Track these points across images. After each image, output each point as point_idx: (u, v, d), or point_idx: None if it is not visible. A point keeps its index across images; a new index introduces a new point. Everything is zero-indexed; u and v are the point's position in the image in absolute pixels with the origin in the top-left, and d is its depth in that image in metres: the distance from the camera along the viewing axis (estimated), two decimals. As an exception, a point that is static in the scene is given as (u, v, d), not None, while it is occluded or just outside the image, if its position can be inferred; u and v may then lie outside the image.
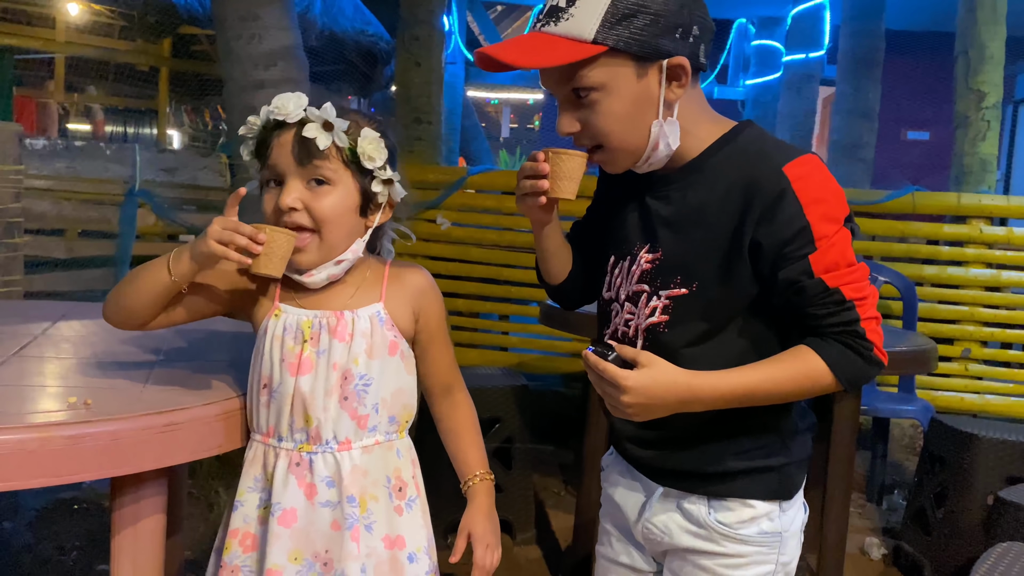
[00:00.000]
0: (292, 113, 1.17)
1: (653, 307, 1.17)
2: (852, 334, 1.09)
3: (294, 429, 1.20)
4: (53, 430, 1.03)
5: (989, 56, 4.02)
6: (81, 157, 3.14)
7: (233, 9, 3.36)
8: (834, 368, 1.09)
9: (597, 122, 1.12)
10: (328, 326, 1.21)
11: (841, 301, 1.09)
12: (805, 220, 1.07)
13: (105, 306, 1.23)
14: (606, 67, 1.09)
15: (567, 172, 1.15)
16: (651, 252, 1.18)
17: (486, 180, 4.40)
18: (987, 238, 3.91)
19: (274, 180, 1.20)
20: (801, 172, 1.08)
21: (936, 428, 2.78)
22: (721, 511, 1.19)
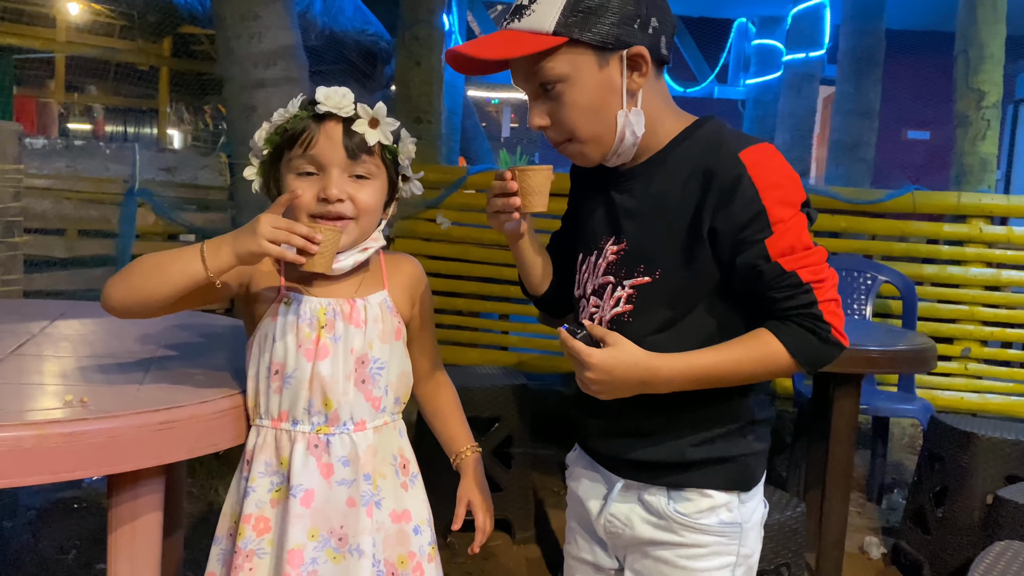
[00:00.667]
0: (345, 107, 1.20)
1: (618, 297, 1.20)
2: (810, 316, 1.11)
3: (312, 412, 1.24)
4: (50, 427, 1.04)
5: (989, 55, 4.01)
6: (81, 156, 3.14)
7: (233, 8, 3.36)
8: (792, 349, 1.12)
9: (565, 114, 1.15)
10: (342, 313, 1.26)
11: (798, 284, 1.11)
12: (761, 204, 1.10)
13: (110, 294, 1.18)
14: (567, 58, 1.12)
15: (535, 187, 1.21)
16: (616, 244, 1.21)
17: (486, 180, 4.40)
18: (987, 237, 3.91)
19: (312, 169, 1.23)
20: (757, 158, 1.11)
21: (935, 427, 2.77)
22: (680, 501, 1.20)
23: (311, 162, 1.22)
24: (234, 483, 1.29)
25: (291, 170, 1.23)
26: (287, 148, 1.23)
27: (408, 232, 4.41)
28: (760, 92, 8.37)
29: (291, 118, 1.22)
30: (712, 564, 1.21)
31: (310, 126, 1.21)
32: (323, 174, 1.22)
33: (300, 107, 1.22)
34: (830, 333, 1.12)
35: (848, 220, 3.98)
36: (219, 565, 1.28)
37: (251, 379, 1.27)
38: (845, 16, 5.71)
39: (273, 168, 1.27)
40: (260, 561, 1.23)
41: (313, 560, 1.22)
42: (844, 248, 3.99)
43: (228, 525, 1.28)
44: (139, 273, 1.17)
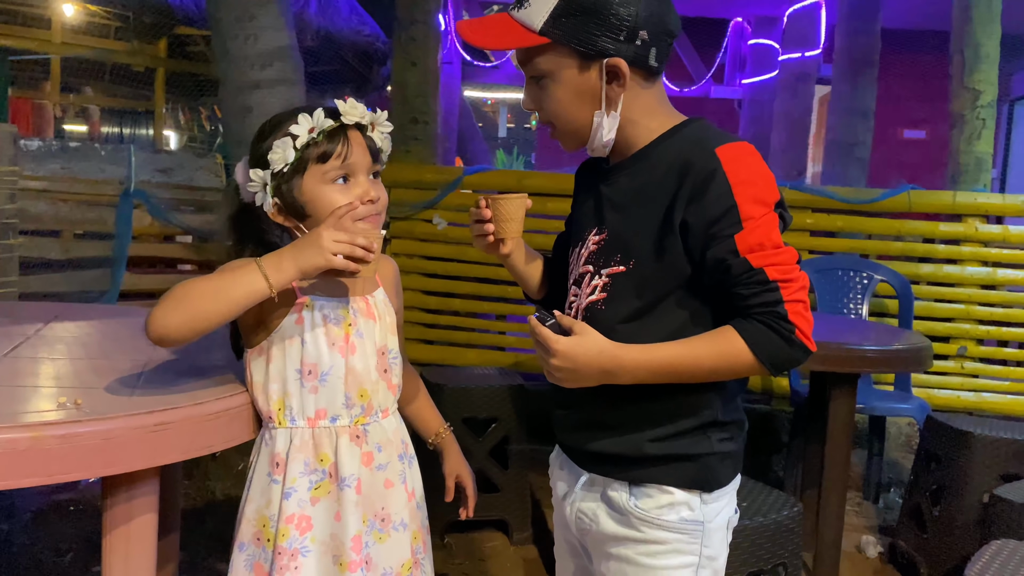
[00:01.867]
0: (367, 116, 1.30)
1: (594, 286, 1.24)
2: (774, 315, 1.11)
3: (350, 405, 1.31)
4: (44, 429, 1.03)
5: (985, 55, 4.02)
6: (76, 158, 3.13)
7: (229, 10, 3.36)
8: (754, 348, 1.12)
9: (546, 104, 1.22)
10: (360, 310, 1.34)
11: (764, 281, 1.11)
12: (733, 200, 1.11)
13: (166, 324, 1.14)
14: (551, 57, 1.18)
15: (507, 214, 1.28)
16: (598, 234, 1.25)
17: (482, 180, 4.40)
18: (983, 236, 3.91)
19: (345, 177, 1.29)
20: (732, 155, 1.13)
21: (932, 426, 2.78)
22: (641, 497, 1.21)
23: (346, 168, 1.28)
24: (257, 487, 1.30)
25: (325, 182, 1.28)
26: (319, 161, 1.27)
27: (405, 232, 4.40)
28: (756, 92, 8.38)
29: (323, 131, 1.26)
30: (673, 562, 1.21)
31: (342, 137, 1.28)
32: (352, 180, 1.29)
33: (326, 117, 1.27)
34: (793, 334, 1.12)
35: (844, 219, 3.98)
36: (247, 571, 1.29)
37: (275, 383, 1.29)
38: (841, 16, 5.72)
39: (288, 184, 1.27)
40: (305, 559, 1.27)
41: (366, 544, 1.31)
42: (840, 247, 4.00)
43: (255, 530, 1.29)
44: (199, 300, 1.16)
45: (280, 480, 1.28)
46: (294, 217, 1.30)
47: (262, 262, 1.17)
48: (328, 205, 1.26)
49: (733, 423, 1.25)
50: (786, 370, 1.15)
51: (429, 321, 4.40)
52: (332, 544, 1.29)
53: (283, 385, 1.29)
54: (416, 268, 4.41)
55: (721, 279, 1.14)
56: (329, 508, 1.29)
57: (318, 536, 1.28)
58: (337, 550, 1.28)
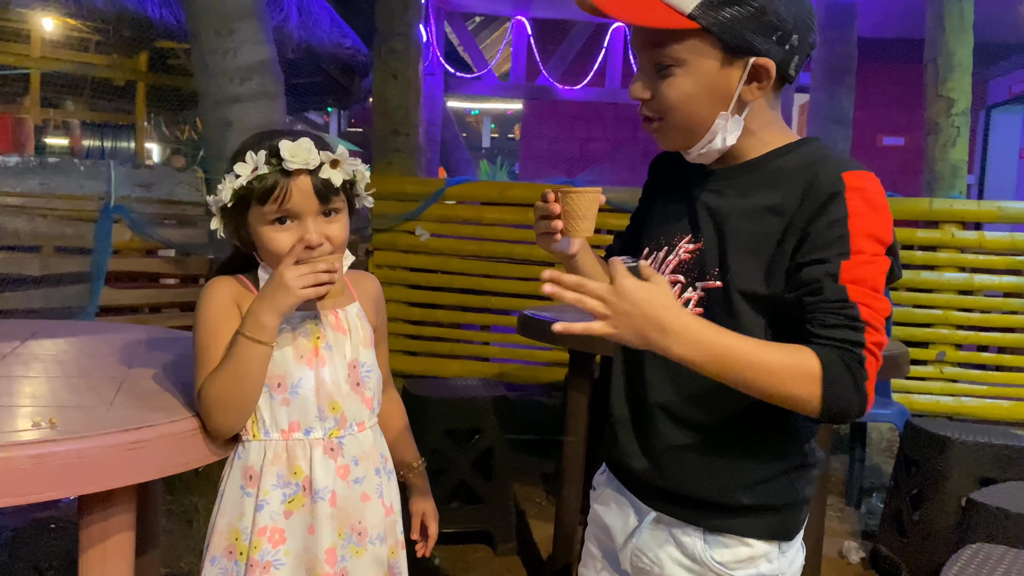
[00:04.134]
0: (312, 161, 1.25)
1: (687, 299, 1.14)
2: (853, 355, 0.98)
3: (323, 418, 1.31)
4: (17, 449, 1.03)
5: (958, 63, 4.08)
6: (56, 174, 3.12)
7: (208, 23, 3.36)
8: (825, 377, 0.98)
9: (667, 94, 1.09)
10: (329, 323, 1.34)
11: (855, 317, 0.99)
12: (847, 229, 1.02)
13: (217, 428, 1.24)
14: (693, 45, 1.06)
15: (580, 211, 1.13)
16: (693, 243, 1.15)
17: (465, 191, 4.42)
18: (959, 242, 3.97)
19: (285, 217, 1.27)
20: (859, 184, 1.04)
21: (911, 431, 2.80)
22: (717, 547, 1.13)
23: (285, 212, 1.27)
24: (230, 499, 1.30)
25: (263, 222, 1.27)
26: (259, 203, 1.26)
27: (387, 244, 4.41)
28: (736, 100, 8.44)
29: (259, 176, 1.25)
30: None
31: (280, 181, 1.25)
32: (297, 221, 1.27)
33: (265, 162, 1.25)
34: (864, 382, 0.99)
35: (823, 227, 4.02)
36: None
37: None
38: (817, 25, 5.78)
39: (239, 216, 1.30)
40: (278, 572, 1.27)
41: (342, 558, 1.31)
42: (820, 255, 4.03)
43: (227, 543, 1.29)
44: (232, 397, 1.23)
45: (253, 493, 1.28)
46: (245, 246, 1.32)
47: (245, 330, 1.22)
48: (268, 244, 1.27)
49: (817, 465, 1.17)
50: (832, 421, 1.02)
51: (412, 332, 4.40)
52: (306, 557, 1.29)
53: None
54: (399, 279, 4.41)
55: (807, 299, 1.02)
56: (303, 521, 1.29)
57: (292, 549, 1.28)
58: (311, 563, 1.28)
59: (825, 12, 5.64)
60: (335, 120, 15.65)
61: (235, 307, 1.28)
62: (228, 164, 1.28)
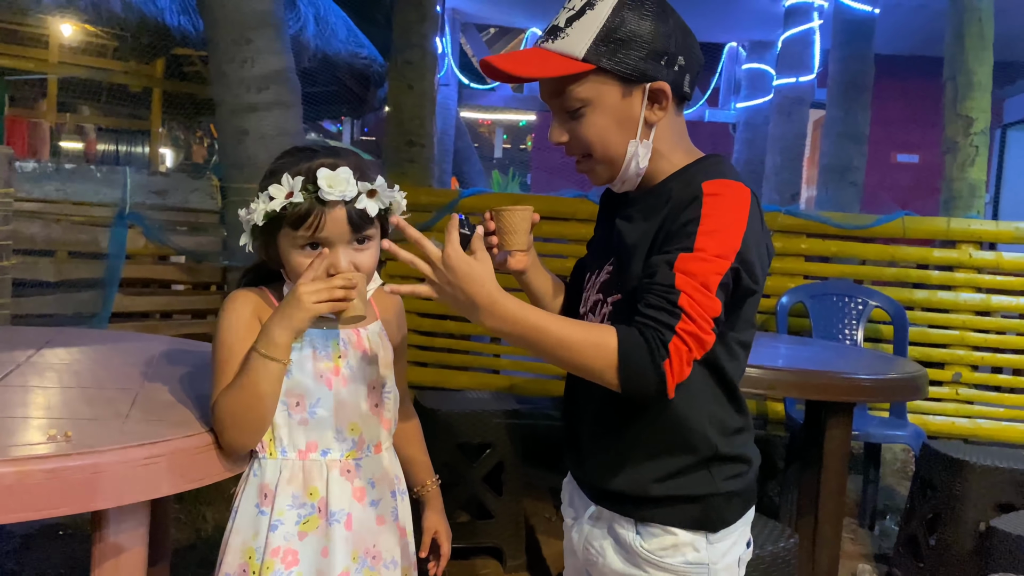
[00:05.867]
0: (348, 193, 1.23)
1: (604, 314, 1.24)
2: (657, 333, 1.05)
3: (341, 439, 1.30)
4: (31, 464, 1.02)
5: (977, 82, 4.05)
6: (72, 180, 3.12)
7: (225, 32, 3.37)
8: (622, 352, 1.05)
9: (583, 133, 1.20)
10: (351, 342, 1.33)
11: (674, 303, 1.06)
12: (696, 228, 1.10)
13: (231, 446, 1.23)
14: (593, 84, 1.17)
15: (510, 226, 1.26)
16: (609, 265, 1.26)
17: (479, 203, 4.40)
18: (976, 263, 3.93)
19: (316, 244, 1.26)
20: (715, 190, 1.12)
21: (927, 454, 2.77)
22: (647, 537, 1.21)
23: (317, 239, 1.25)
24: (244, 517, 1.29)
25: (294, 246, 1.26)
26: (291, 227, 1.25)
27: (400, 255, 4.39)
28: (750, 115, 8.43)
29: (293, 203, 1.23)
30: None
31: (315, 208, 1.23)
32: (328, 247, 1.26)
33: (301, 188, 1.23)
34: (663, 362, 1.04)
35: (838, 245, 3.99)
36: None
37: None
38: (835, 41, 5.76)
39: (269, 235, 1.29)
40: None
41: None
42: (834, 272, 4.01)
43: (240, 561, 1.28)
44: (246, 414, 1.22)
45: (268, 512, 1.27)
46: (274, 262, 1.32)
47: (259, 347, 1.21)
48: (297, 269, 1.26)
49: (738, 459, 1.23)
50: (630, 394, 1.08)
51: (423, 343, 4.38)
52: None
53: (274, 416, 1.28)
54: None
55: (644, 283, 1.11)
56: (316, 543, 1.28)
57: (304, 571, 1.27)
58: None
59: (842, 28, 5.62)
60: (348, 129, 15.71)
61: (256, 321, 1.26)
62: (263, 180, 1.27)
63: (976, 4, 4.02)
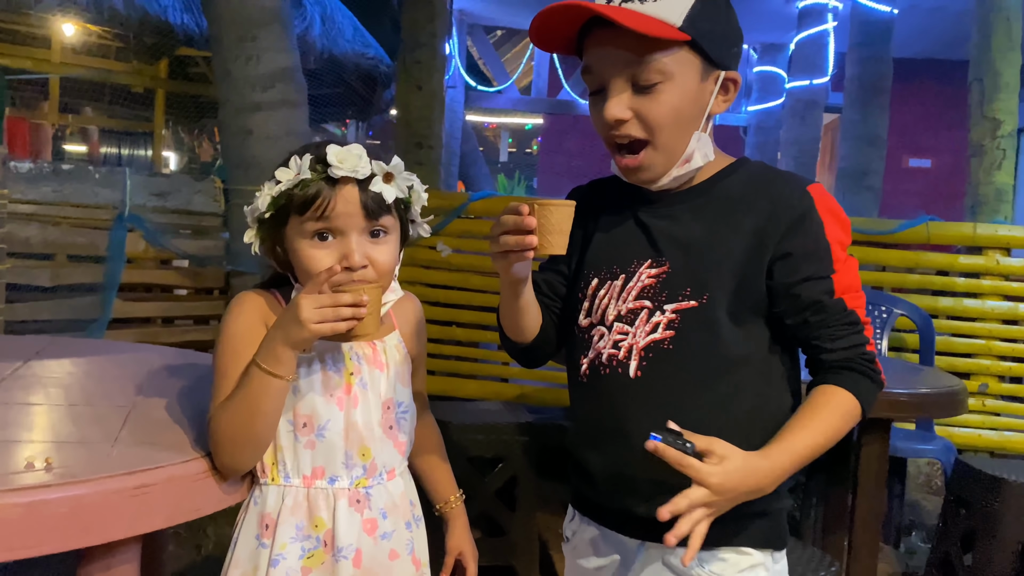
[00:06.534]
0: (362, 169, 1.12)
1: (656, 323, 1.12)
2: (863, 358, 1.10)
3: (350, 465, 1.17)
4: (7, 497, 0.90)
5: (1004, 83, 3.93)
6: (69, 181, 3.01)
7: (230, 29, 3.26)
8: (862, 400, 1.09)
9: (657, 111, 1.08)
10: (366, 357, 1.21)
11: (856, 322, 1.10)
12: (826, 241, 1.10)
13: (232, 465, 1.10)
14: (680, 58, 1.07)
15: (556, 225, 1.04)
16: (655, 267, 1.14)
17: (487, 206, 4.29)
18: (1004, 269, 3.80)
19: (327, 233, 1.13)
20: (820, 195, 1.12)
21: (961, 471, 2.65)
22: (713, 562, 1.11)
23: (327, 225, 1.13)
24: (243, 550, 1.17)
25: (302, 235, 1.13)
26: (297, 213, 1.13)
27: (408, 259, 4.28)
28: (761, 118, 8.33)
29: (301, 182, 1.11)
30: None
31: (324, 190, 1.11)
32: (340, 238, 1.13)
33: (309, 167, 1.11)
34: (879, 375, 1.11)
35: (860, 251, 3.86)
36: None
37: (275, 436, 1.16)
38: (852, 43, 5.65)
39: (276, 230, 1.16)
40: None
41: None
42: (856, 279, 3.88)
43: None
44: (243, 434, 1.09)
45: (268, 544, 1.15)
46: (282, 265, 1.19)
47: (260, 360, 1.07)
48: (305, 263, 1.13)
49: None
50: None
51: (431, 351, 4.24)
52: None
53: (275, 437, 1.16)
54: (418, 295, 4.26)
55: (812, 319, 1.10)
56: None
57: None
58: None
59: (860, 30, 5.51)
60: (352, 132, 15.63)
61: (263, 327, 1.13)
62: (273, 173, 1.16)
63: (1004, 3, 3.90)
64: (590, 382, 1.19)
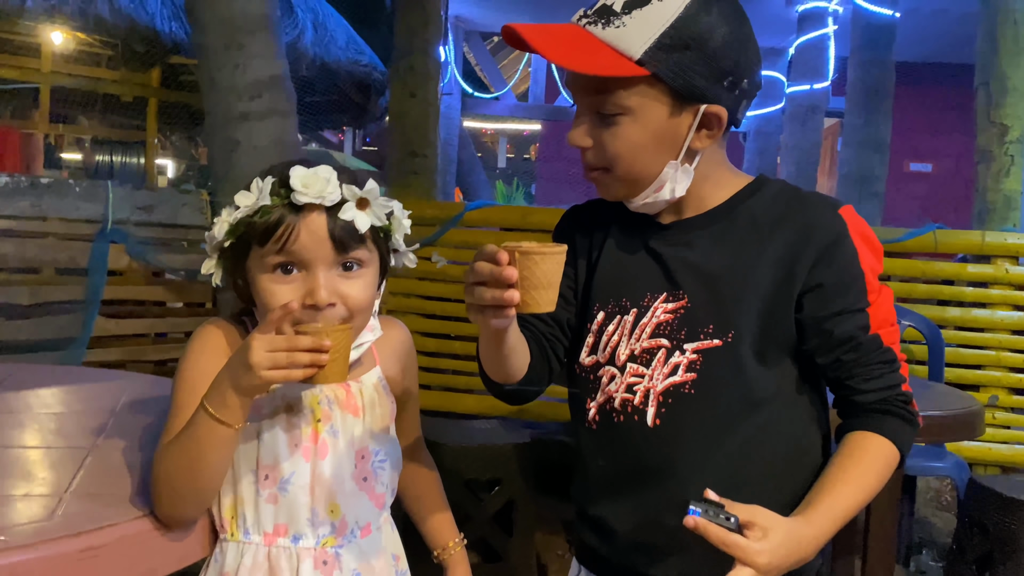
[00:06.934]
0: (328, 195, 0.99)
1: (675, 364, 1.02)
2: (899, 398, 1.02)
3: (316, 523, 1.05)
4: (-70, 568, 0.80)
5: (1012, 88, 3.83)
6: (48, 195, 2.91)
7: (215, 37, 3.16)
8: (899, 444, 1.02)
9: (611, 145, 1.01)
10: (338, 400, 1.08)
11: (892, 360, 1.03)
12: (861, 270, 1.02)
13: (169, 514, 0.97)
14: (641, 93, 0.98)
15: (543, 278, 0.87)
16: (672, 301, 1.04)
17: (484, 216, 4.20)
18: (1013, 278, 3.70)
19: (291, 266, 1.01)
20: (853, 219, 1.03)
21: (976, 491, 2.55)
22: None
23: (290, 258, 1.00)
24: None
25: (263, 269, 1.01)
26: (257, 243, 1.00)
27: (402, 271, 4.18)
28: (761, 124, 8.25)
29: (260, 209, 0.99)
30: None
31: (286, 218, 0.99)
32: (306, 272, 1.01)
33: (271, 192, 0.99)
34: (916, 416, 1.04)
35: (866, 260, 3.77)
36: None
37: (227, 484, 1.05)
38: (854, 47, 5.57)
39: (237, 260, 1.04)
40: None
41: None
42: (862, 290, 3.78)
43: None
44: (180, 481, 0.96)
45: None
46: (245, 299, 1.07)
47: (207, 402, 0.94)
48: (265, 298, 1.01)
49: None
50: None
51: (426, 365, 4.17)
52: None
53: (236, 488, 1.04)
54: (413, 308, 4.20)
55: (846, 357, 1.01)
56: None
57: None
58: None
59: (862, 34, 5.42)
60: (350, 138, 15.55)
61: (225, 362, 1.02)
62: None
63: (1010, 6, 3.80)
64: (602, 429, 1.08)
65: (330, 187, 0.99)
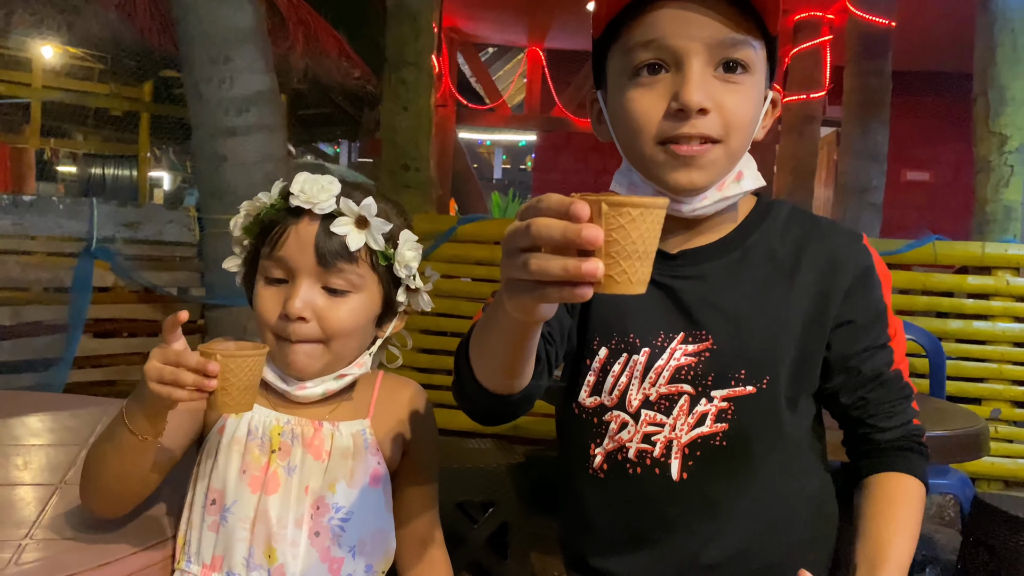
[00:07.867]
0: (322, 203, 0.96)
1: (701, 413, 0.93)
2: (914, 434, 1.00)
3: (251, 564, 0.95)
4: None
5: (1011, 97, 3.79)
6: (30, 213, 2.85)
7: (202, 50, 3.11)
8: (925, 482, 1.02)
9: (737, 106, 0.88)
10: (302, 437, 0.99)
11: (910, 395, 1.00)
12: (884, 304, 0.98)
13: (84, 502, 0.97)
14: (761, 56, 0.92)
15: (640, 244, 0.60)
16: (694, 343, 0.94)
17: (478, 229, 4.15)
18: (1014, 290, 3.65)
19: (281, 274, 0.98)
20: (873, 250, 1.00)
21: (981, 510, 2.48)
22: None
23: (279, 266, 0.98)
24: None
25: (261, 272, 0.99)
26: (260, 244, 1.00)
27: (394, 286, 4.13)
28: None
29: (264, 208, 0.98)
30: None
31: (283, 220, 0.97)
32: (291, 282, 0.97)
33: (280, 194, 0.98)
34: (927, 449, 1.02)
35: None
36: None
37: (185, 508, 0.99)
38: (850, 56, 5.54)
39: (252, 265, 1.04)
40: None
41: None
42: (861, 302, 3.73)
43: None
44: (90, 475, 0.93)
45: None
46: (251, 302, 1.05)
47: (125, 407, 0.89)
48: (255, 303, 0.99)
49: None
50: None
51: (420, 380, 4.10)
52: None
53: (189, 511, 0.99)
54: (406, 324, 4.14)
55: (871, 394, 0.98)
56: None
57: None
58: None
59: (859, 43, 5.39)
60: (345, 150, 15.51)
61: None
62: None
63: (1009, 15, 3.77)
64: (611, 479, 0.99)
65: (324, 195, 0.95)
